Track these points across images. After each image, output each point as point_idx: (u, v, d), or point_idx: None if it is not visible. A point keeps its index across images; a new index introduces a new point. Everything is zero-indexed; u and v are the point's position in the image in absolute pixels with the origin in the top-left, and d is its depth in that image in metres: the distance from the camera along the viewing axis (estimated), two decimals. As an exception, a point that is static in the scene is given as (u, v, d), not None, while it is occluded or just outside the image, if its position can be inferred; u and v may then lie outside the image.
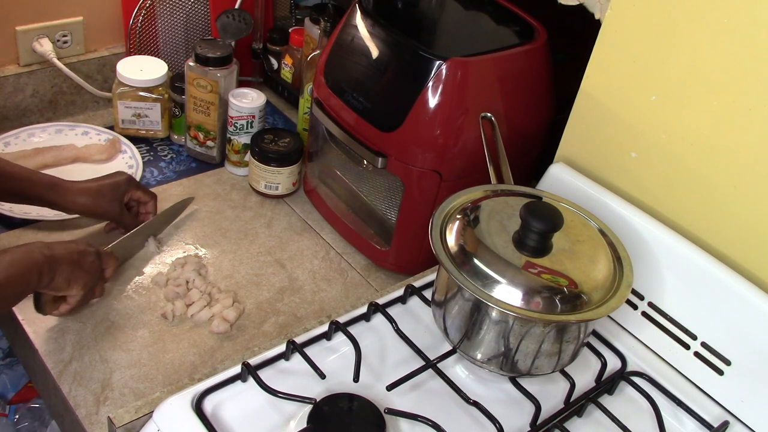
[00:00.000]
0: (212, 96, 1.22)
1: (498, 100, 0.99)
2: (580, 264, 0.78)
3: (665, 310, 0.86)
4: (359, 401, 0.74)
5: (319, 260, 1.14)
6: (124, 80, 1.26)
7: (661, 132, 0.85)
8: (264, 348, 0.81)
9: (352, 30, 1.05)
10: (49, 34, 1.30)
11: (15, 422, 1.27)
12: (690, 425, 0.82)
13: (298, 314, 1.04)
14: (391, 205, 1.12)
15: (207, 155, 1.29)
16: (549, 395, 0.82)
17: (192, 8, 1.39)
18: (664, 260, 0.85)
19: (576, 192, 0.91)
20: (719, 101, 0.79)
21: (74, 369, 0.91)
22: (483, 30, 1.08)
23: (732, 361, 0.81)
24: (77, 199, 1.03)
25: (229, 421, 0.74)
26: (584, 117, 0.93)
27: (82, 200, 1.04)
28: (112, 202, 1.06)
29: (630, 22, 0.85)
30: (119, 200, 1.07)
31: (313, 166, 1.22)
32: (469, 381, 0.83)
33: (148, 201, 1.12)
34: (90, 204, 1.04)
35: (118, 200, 1.06)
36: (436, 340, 0.86)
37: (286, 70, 1.44)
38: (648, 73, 0.85)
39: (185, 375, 0.93)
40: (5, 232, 1.09)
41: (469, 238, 0.79)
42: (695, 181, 0.84)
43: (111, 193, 1.06)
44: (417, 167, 1.00)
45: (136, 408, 0.75)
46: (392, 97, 0.99)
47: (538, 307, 0.74)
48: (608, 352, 0.86)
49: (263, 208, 1.23)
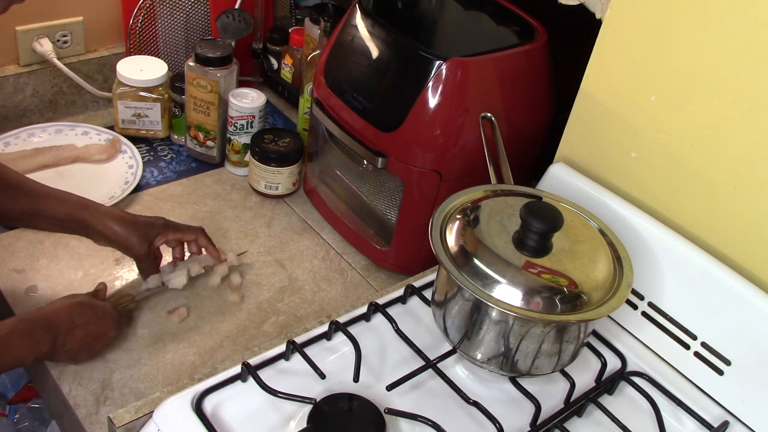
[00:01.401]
0: (212, 96, 1.22)
1: (498, 100, 0.99)
2: (580, 264, 0.78)
3: (665, 310, 0.86)
4: (359, 401, 0.74)
5: (319, 260, 1.14)
6: (124, 80, 1.26)
7: (661, 132, 0.85)
8: (264, 348, 0.81)
9: (352, 30, 1.05)
10: (49, 34, 1.30)
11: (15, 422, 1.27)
12: (690, 425, 0.82)
13: (298, 314, 1.04)
14: (391, 205, 1.12)
15: (207, 155, 1.29)
16: (549, 395, 0.82)
17: (192, 8, 1.39)
18: (664, 260, 0.85)
19: (576, 192, 0.91)
20: (719, 101, 0.79)
21: (74, 369, 0.91)
22: (483, 30, 1.08)
23: (732, 361, 0.81)
24: (110, 223, 0.97)
25: (229, 421, 0.74)
26: (584, 117, 0.93)
27: (115, 227, 0.97)
28: (142, 241, 0.98)
29: (630, 22, 0.85)
30: (150, 240, 0.99)
31: (313, 166, 1.22)
32: (469, 381, 0.83)
33: (195, 237, 1.03)
34: (122, 233, 0.97)
35: (149, 240, 0.99)
36: (436, 340, 0.86)
37: (286, 70, 1.44)
38: (648, 73, 0.85)
39: (185, 375, 0.93)
40: (5, 232, 1.09)
41: (469, 238, 0.79)
42: (695, 181, 0.84)
43: (144, 228, 0.99)
44: (417, 167, 1.00)
45: (136, 408, 0.75)
46: (392, 97, 0.99)
47: (538, 307, 0.74)
48: (608, 352, 0.86)
49: (263, 208, 1.23)
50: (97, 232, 0.98)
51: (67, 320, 0.86)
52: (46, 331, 0.84)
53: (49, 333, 0.84)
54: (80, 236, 1.01)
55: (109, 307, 0.92)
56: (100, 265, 1.06)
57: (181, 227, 1.03)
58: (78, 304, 0.89)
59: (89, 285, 1.02)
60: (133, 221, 0.99)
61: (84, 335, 0.87)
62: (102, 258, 1.07)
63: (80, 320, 0.87)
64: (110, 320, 0.91)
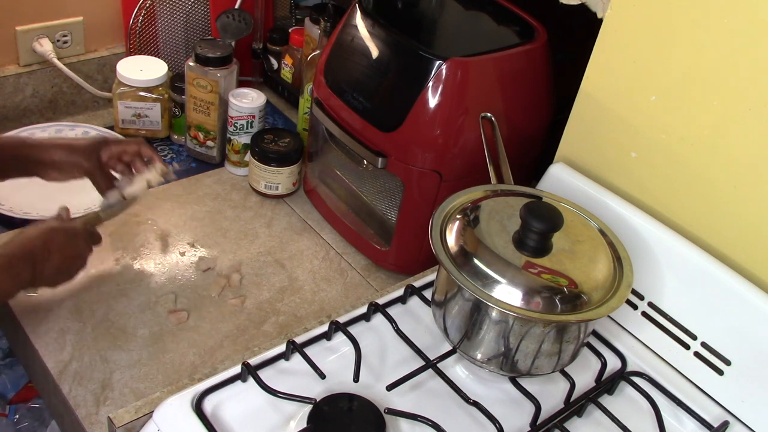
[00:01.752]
0: (212, 96, 1.22)
1: (498, 100, 0.99)
2: (580, 264, 0.78)
3: (665, 310, 0.86)
4: (359, 401, 0.74)
5: (319, 260, 1.14)
6: (124, 80, 1.26)
7: (661, 132, 0.85)
8: (264, 348, 0.81)
9: (352, 30, 1.05)
10: (49, 34, 1.30)
11: (15, 422, 1.27)
12: (690, 425, 0.82)
13: (298, 314, 1.04)
14: (391, 205, 1.12)
15: (207, 155, 1.29)
16: (549, 395, 0.82)
17: (192, 8, 1.39)
18: (664, 260, 0.85)
19: (576, 192, 0.91)
20: (719, 101, 0.79)
21: (74, 369, 0.91)
22: (483, 30, 1.08)
23: (732, 361, 0.81)
24: (52, 151, 0.97)
25: (229, 421, 0.74)
26: (584, 117, 0.93)
27: (58, 152, 0.97)
28: (89, 157, 0.98)
29: (630, 22, 0.85)
30: (96, 156, 0.99)
31: (313, 166, 1.22)
32: (469, 381, 0.83)
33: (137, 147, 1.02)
34: (65, 156, 0.97)
35: (95, 156, 0.99)
36: (436, 340, 0.86)
37: (286, 70, 1.44)
38: (648, 73, 0.85)
39: (185, 375, 0.93)
40: (5, 232, 1.09)
41: (469, 238, 0.79)
42: (695, 181, 0.84)
43: (85, 147, 0.99)
44: (417, 167, 1.00)
45: (136, 408, 0.75)
46: (392, 97, 0.99)
47: (538, 307, 0.74)
48: (608, 352, 0.86)
49: (263, 208, 1.23)
50: (43, 163, 0.98)
51: (41, 246, 0.87)
52: (24, 260, 0.85)
53: (27, 262, 0.85)
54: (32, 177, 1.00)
55: (79, 228, 0.92)
56: (101, 265, 1.06)
57: (121, 140, 1.04)
58: (50, 229, 0.89)
59: (89, 284, 1.02)
60: (71, 143, 1.00)
61: (61, 259, 0.88)
62: (102, 258, 1.06)
63: (54, 245, 0.88)
64: (82, 240, 0.92)
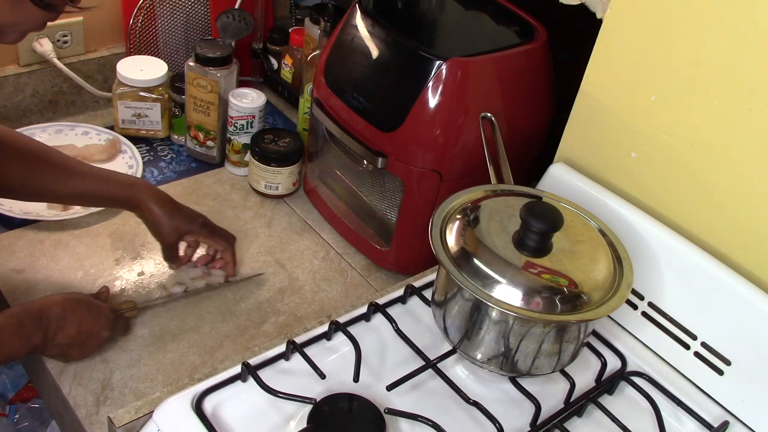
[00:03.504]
0: (212, 96, 1.22)
1: (498, 100, 0.99)
2: (580, 264, 0.78)
3: (665, 310, 0.86)
4: (359, 401, 0.74)
5: (319, 260, 1.14)
6: (124, 80, 1.26)
7: (661, 132, 0.85)
8: (264, 348, 0.81)
9: (352, 30, 1.05)
10: (49, 34, 1.30)
11: (15, 422, 1.27)
12: (690, 425, 0.82)
13: (298, 314, 1.04)
14: (391, 205, 1.12)
15: (207, 155, 1.29)
16: (549, 395, 0.82)
17: (192, 8, 1.39)
18: (664, 260, 0.85)
19: (576, 192, 0.91)
20: (719, 101, 0.79)
21: (74, 369, 0.91)
22: (483, 30, 1.08)
23: (732, 361, 0.81)
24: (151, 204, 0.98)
25: (229, 421, 0.74)
26: (584, 117, 0.93)
27: (156, 208, 0.98)
28: (174, 231, 0.99)
29: (630, 22, 0.85)
30: (181, 233, 1.00)
31: (313, 166, 1.22)
32: (469, 381, 0.83)
33: (223, 249, 1.05)
34: (158, 215, 0.98)
35: (180, 232, 1.00)
36: (436, 340, 0.86)
37: (286, 70, 1.43)
38: (648, 73, 0.85)
39: (185, 375, 0.93)
40: (5, 232, 1.09)
41: (469, 238, 0.79)
42: (695, 181, 0.84)
43: (181, 219, 1.00)
44: (417, 167, 1.00)
45: (136, 408, 0.75)
46: (392, 97, 0.99)
47: (538, 307, 0.74)
48: (608, 352, 0.86)
49: (263, 208, 1.23)
50: (138, 208, 0.99)
51: (59, 314, 0.86)
52: (37, 323, 0.84)
53: (39, 325, 0.84)
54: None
55: (106, 308, 0.92)
56: (100, 265, 1.06)
57: (216, 233, 1.04)
58: (74, 300, 0.89)
59: (89, 285, 1.02)
60: (173, 208, 1.00)
61: (76, 332, 0.87)
62: (102, 258, 1.07)
63: (74, 316, 0.87)
64: (105, 320, 0.91)
